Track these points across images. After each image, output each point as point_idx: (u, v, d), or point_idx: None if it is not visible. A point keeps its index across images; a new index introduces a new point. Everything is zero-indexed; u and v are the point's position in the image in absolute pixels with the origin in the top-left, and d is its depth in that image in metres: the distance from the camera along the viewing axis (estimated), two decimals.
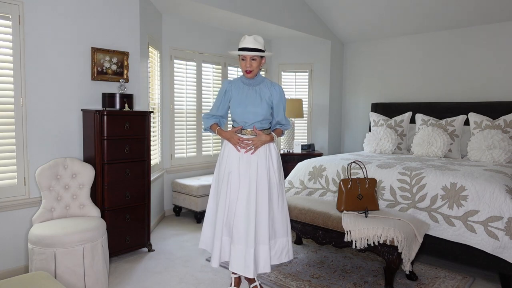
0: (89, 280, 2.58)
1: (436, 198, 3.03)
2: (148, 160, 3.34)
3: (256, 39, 2.50)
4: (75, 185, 2.97)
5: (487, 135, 3.91)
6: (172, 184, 4.58)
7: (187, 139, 4.79)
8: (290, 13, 5.01)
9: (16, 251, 2.92)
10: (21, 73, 2.89)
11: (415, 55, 5.25)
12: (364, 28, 5.44)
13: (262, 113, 2.54)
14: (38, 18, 2.96)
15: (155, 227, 4.11)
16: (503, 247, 2.65)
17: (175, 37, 4.58)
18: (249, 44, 2.48)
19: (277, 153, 2.65)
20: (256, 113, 2.53)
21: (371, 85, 5.75)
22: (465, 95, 4.81)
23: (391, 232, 2.59)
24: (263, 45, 2.53)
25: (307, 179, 3.85)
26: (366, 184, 2.95)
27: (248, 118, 2.55)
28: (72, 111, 3.19)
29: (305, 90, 5.91)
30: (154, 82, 4.25)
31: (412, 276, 2.88)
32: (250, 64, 2.50)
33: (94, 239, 2.64)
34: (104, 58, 3.34)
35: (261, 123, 2.57)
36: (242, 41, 2.51)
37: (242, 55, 2.50)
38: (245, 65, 2.51)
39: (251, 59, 2.49)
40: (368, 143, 4.80)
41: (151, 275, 2.94)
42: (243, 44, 2.50)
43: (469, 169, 3.28)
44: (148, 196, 3.37)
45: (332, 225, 2.86)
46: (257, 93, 2.56)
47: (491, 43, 4.60)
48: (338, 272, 3.01)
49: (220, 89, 2.67)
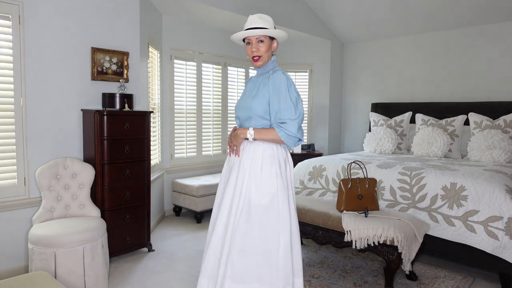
0: (89, 280, 2.58)
1: (436, 198, 3.03)
2: (148, 160, 3.34)
3: (262, 17, 2.03)
4: (75, 185, 2.97)
5: (487, 135, 3.91)
6: (172, 184, 4.58)
7: (187, 139, 4.79)
8: (290, 13, 5.01)
9: (16, 251, 2.92)
10: (21, 73, 2.89)
11: (415, 55, 5.25)
12: (364, 28, 5.44)
13: (254, 107, 2.02)
14: (38, 18, 2.96)
15: (155, 227, 4.11)
16: (503, 247, 2.65)
17: (175, 37, 4.58)
18: (253, 23, 2.00)
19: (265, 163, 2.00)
20: (246, 107, 2.06)
21: (371, 85, 5.75)
22: (465, 95, 4.81)
23: (391, 232, 2.59)
24: (272, 25, 2.04)
25: (307, 179, 3.85)
26: (366, 184, 2.95)
27: (240, 113, 2.11)
28: (72, 111, 3.19)
29: (305, 90, 5.91)
30: (154, 82, 4.25)
31: (412, 276, 2.88)
32: (257, 48, 2.01)
33: (94, 239, 2.64)
34: (104, 58, 3.34)
35: (256, 121, 2.04)
36: (246, 23, 2.05)
37: (247, 37, 2.02)
38: (251, 50, 2.03)
39: (258, 41, 2.01)
40: (368, 143, 4.80)
41: (151, 275, 2.94)
42: (246, 25, 2.03)
43: (469, 169, 3.28)
44: (148, 196, 3.37)
45: (332, 225, 2.86)
46: (257, 85, 2.08)
47: (491, 43, 4.60)
48: (338, 272, 3.01)
49: None
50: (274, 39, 2.07)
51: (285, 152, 2.12)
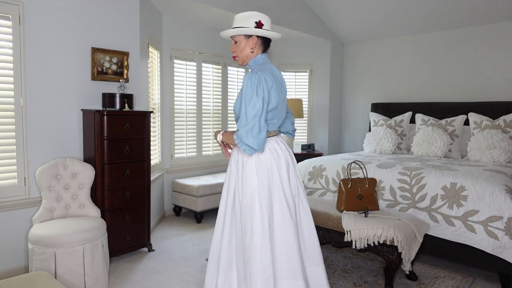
0: (89, 280, 2.58)
1: (436, 198, 3.03)
2: (148, 160, 3.34)
3: (239, 16, 2.04)
4: (75, 185, 2.97)
5: (487, 135, 3.91)
6: (172, 184, 4.58)
7: (187, 139, 4.79)
8: (290, 13, 5.01)
9: (16, 251, 2.92)
10: (21, 73, 2.89)
11: (415, 55, 5.25)
12: (364, 28, 5.44)
13: (235, 109, 2.08)
14: (38, 18, 2.96)
15: (155, 227, 4.11)
16: (503, 247, 2.65)
17: (175, 37, 4.58)
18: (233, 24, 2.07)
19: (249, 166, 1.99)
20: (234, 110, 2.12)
21: (371, 85, 5.75)
22: (465, 95, 4.81)
23: (391, 232, 2.59)
24: (246, 20, 2.01)
25: (307, 179, 3.85)
26: (366, 184, 2.95)
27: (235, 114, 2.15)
28: (72, 111, 3.19)
29: (305, 90, 5.91)
30: (154, 82, 4.25)
31: (412, 276, 2.88)
32: (233, 48, 2.09)
33: (94, 239, 2.64)
34: (104, 58, 3.34)
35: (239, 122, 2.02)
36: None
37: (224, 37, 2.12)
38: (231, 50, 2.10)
39: (234, 41, 2.07)
40: (368, 143, 4.80)
41: (151, 275, 2.94)
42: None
43: (469, 169, 3.28)
44: (148, 196, 3.37)
45: (332, 225, 2.86)
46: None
47: (491, 43, 4.60)
48: (338, 272, 3.01)
49: None
50: (250, 36, 2.04)
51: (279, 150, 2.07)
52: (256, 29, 2.01)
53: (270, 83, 1.96)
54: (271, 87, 1.96)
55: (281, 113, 2.11)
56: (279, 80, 2.10)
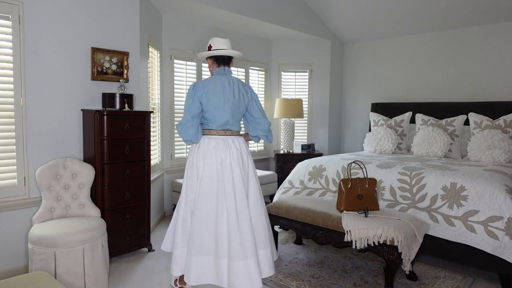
0: (89, 280, 2.58)
1: (436, 198, 3.03)
2: (148, 160, 3.34)
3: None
4: (75, 185, 2.97)
5: (487, 135, 3.91)
6: (172, 184, 4.58)
7: None
8: (290, 13, 5.01)
9: (16, 251, 2.92)
10: (21, 73, 2.89)
11: (415, 55, 5.25)
12: (364, 28, 5.44)
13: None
14: (38, 18, 2.96)
15: (155, 227, 4.11)
16: (503, 247, 2.65)
17: (175, 37, 4.58)
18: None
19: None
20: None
21: (371, 85, 5.75)
22: (465, 95, 4.82)
23: (391, 232, 2.59)
24: (208, 44, 2.75)
25: (307, 179, 3.85)
26: (366, 184, 2.95)
27: None
28: (72, 111, 3.19)
29: (305, 90, 5.91)
30: (154, 82, 4.25)
31: (412, 276, 2.88)
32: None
33: (94, 239, 2.64)
34: (104, 58, 3.34)
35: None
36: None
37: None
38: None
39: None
40: (368, 143, 4.80)
41: (151, 275, 2.94)
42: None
43: (469, 169, 3.28)
44: (148, 196, 3.37)
45: (332, 225, 2.86)
46: None
47: (491, 43, 4.60)
48: (338, 272, 3.01)
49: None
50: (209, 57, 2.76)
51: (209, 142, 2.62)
52: (204, 52, 2.74)
53: (206, 89, 2.62)
54: (205, 93, 2.60)
55: (222, 115, 2.60)
56: (227, 88, 2.64)
